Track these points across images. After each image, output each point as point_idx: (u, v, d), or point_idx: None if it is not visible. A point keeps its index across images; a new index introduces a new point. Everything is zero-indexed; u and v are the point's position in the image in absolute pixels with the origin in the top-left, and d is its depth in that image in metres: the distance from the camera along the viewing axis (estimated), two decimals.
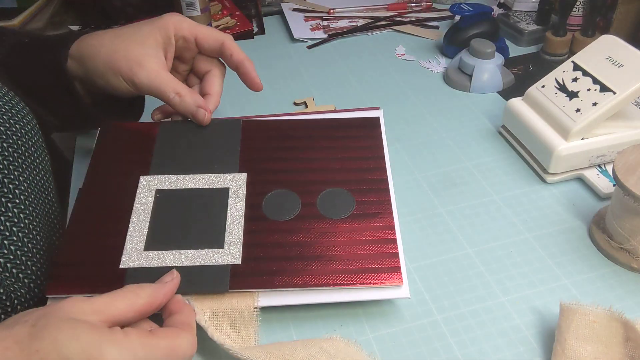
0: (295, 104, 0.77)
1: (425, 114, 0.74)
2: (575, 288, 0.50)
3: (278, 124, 0.58)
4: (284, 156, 0.55)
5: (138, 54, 0.53)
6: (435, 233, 0.56)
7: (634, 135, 0.60)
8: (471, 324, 0.47)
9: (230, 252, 0.47)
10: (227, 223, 0.49)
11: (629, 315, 0.43)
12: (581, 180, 0.62)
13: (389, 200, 0.51)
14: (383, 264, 0.47)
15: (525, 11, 0.94)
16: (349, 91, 0.79)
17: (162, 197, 0.51)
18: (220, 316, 0.45)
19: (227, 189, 0.52)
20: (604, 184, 0.59)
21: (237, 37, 0.96)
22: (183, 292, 0.44)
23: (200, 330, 0.44)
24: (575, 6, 0.84)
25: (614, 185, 0.51)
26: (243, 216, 0.50)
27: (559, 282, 0.50)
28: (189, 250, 0.47)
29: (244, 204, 0.51)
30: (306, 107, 0.76)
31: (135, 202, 0.50)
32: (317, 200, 0.51)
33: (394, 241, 0.48)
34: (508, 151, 0.67)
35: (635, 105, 0.63)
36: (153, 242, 0.48)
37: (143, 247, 0.47)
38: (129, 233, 0.48)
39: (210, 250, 0.47)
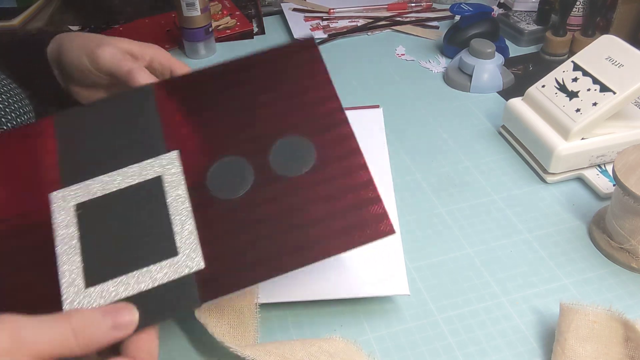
0: None
1: (425, 114, 0.74)
2: (575, 288, 0.50)
3: (198, 76, 0.47)
4: (217, 115, 0.45)
5: (107, 40, 0.55)
6: (435, 233, 0.56)
7: (634, 135, 0.60)
8: (471, 324, 0.47)
9: (188, 257, 0.39)
10: (173, 221, 0.40)
11: (629, 315, 0.43)
12: (581, 180, 0.62)
13: (351, 133, 0.43)
14: (367, 213, 0.40)
15: (525, 11, 0.94)
16: (349, 91, 0.79)
17: (86, 212, 0.41)
18: (220, 313, 0.45)
19: (159, 178, 0.42)
20: (604, 184, 0.59)
21: (237, 37, 0.96)
22: (147, 323, 0.36)
23: (200, 327, 0.44)
24: (575, 6, 0.84)
25: (614, 185, 0.51)
26: (189, 206, 0.41)
27: (559, 282, 0.50)
28: (139, 271, 0.39)
29: (185, 190, 0.41)
30: None
31: (54, 229, 0.40)
32: (269, 158, 0.42)
33: (371, 182, 0.41)
34: (508, 151, 0.67)
35: (635, 105, 0.63)
36: (93, 274, 0.39)
37: (84, 284, 0.38)
38: (60, 272, 0.39)
39: (164, 262, 0.39)
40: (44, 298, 0.38)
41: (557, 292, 0.50)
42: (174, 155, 0.43)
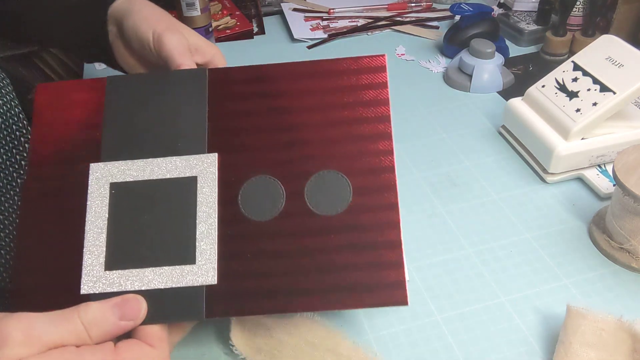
0: None
1: (425, 114, 0.74)
2: (575, 288, 0.50)
3: (257, 71, 0.45)
4: (263, 123, 0.43)
5: (177, 25, 0.53)
6: (435, 233, 0.56)
7: (634, 135, 0.60)
8: (471, 324, 0.47)
9: (204, 269, 0.39)
10: (198, 228, 0.40)
11: (630, 315, 0.42)
12: (581, 180, 0.62)
13: (394, 184, 0.41)
14: (385, 276, 0.39)
15: (525, 11, 0.94)
16: None
17: (119, 194, 0.41)
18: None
19: (195, 179, 0.42)
20: (604, 184, 0.59)
21: (237, 37, 0.96)
22: (151, 321, 0.38)
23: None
24: (575, 6, 0.84)
25: (614, 185, 0.51)
26: (216, 216, 0.41)
27: (559, 282, 0.50)
28: (155, 269, 0.39)
29: (216, 199, 0.41)
30: None
31: (88, 201, 0.41)
32: (305, 188, 0.41)
33: (399, 245, 0.40)
34: (508, 151, 0.67)
35: (635, 105, 0.63)
36: (114, 259, 0.40)
37: (103, 266, 0.40)
38: (85, 247, 0.40)
39: (179, 267, 0.39)
40: (66, 267, 0.40)
41: (557, 292, 0.50)
42: (213, 158, 0.42)
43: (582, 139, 0.59)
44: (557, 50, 0.84)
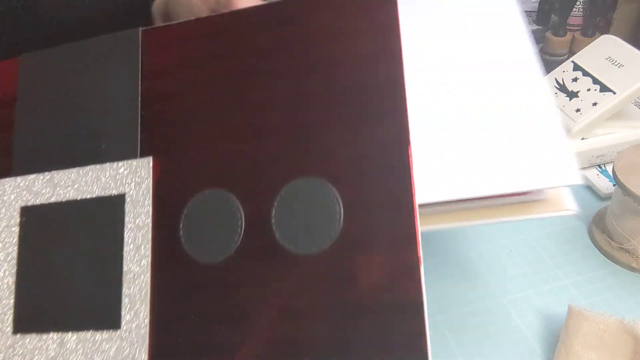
0: None
1: None
2: (575, 288, 0.50)
3: (213, 26, 0.30)
4: (218, 107, 0.29)
5: None
6: (435, 233, 0.56)
7: (634, 135, 0.60)
8: (471, 324, 0.47)
9: (129, 340, 0.28)
10: (124, 272, 0.28)
11: (630, 315, 0.42)
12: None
13: (410, 197, 0.25)
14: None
15: (525, 11, 0.94)
16: None
17: (30, 221, 0.31)
18: None
19: (122, 197, 0.29)
20: (604, 184, 0.59)
21: None
22: None
23: None
24: (575, 6, 0.84)
25: (614, 185, 0.51)
26: (149, 256, 0.28)
27: (559, 282, 0.50)
28: (75, 333, 0.29)
29: (150, 227, 0.29)
30: None
31: None
32: (273, 208, 0.27)
33: (420, 304, 0.26)
34: None
35: (635, 105, 0.63)
36: (24, 318, 0.30)
37: (12, 328, 0.30)
38: None
39: (100, 332, 0.28)
40: None
41: (557, 292, 0.50)
42: (147, 165, 0.30)
43: (582, 139, 0.59)
44: (557, 50, 0.84)
